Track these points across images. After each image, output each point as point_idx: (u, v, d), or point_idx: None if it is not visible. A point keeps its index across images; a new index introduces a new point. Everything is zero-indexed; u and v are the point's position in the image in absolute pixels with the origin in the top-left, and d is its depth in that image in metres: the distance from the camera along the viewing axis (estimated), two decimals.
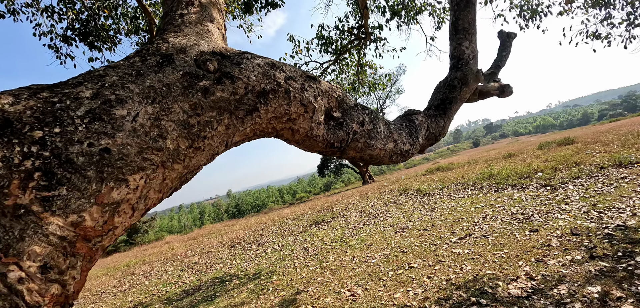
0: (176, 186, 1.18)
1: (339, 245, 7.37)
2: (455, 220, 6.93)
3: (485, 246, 4.94)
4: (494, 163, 14.19)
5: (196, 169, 1.24)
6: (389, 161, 2.21)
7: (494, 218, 6.31)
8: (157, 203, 1.13)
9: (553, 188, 7.48)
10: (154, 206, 1.12)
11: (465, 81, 2.90)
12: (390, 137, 2.09)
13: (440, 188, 11.68)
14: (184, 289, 7.01)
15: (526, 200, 7.03)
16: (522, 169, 10.19)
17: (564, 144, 15.31)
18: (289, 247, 8.62)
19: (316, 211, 14.31)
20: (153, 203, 1.08)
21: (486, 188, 9.42)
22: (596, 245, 3.98)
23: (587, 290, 3.06)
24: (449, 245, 5.42)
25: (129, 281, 9.47)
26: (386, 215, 9.42)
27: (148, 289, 7.83)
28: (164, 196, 1.13)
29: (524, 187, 8.39)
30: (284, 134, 1.58)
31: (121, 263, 14.23)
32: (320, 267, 6.02)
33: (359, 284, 4.67)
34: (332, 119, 1.80)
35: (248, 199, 54.54)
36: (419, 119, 2.55)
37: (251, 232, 13.18)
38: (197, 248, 12.81)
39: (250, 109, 1.34)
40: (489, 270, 4.08)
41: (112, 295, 8.26)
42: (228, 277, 7.09)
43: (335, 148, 1.81)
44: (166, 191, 1.12)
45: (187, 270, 8.97)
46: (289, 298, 4.85)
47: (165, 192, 1.12)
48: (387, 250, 5.96)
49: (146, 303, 6.66)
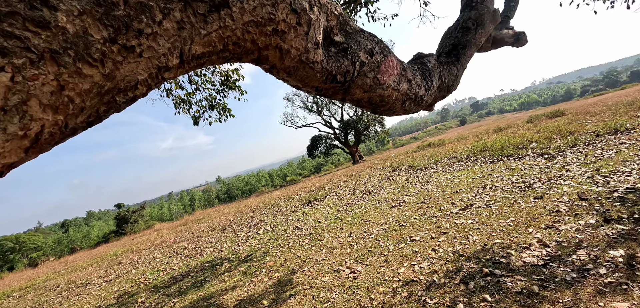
0: (93, 111, 0.74)
1: (334, 222, 7.07)
2: (453, 191, 6.69)
3: (490, 215, 4.69)
4: (486, 137, 14.08)
5: (131, 89, 0.80)
6: (401, 109, 1.80)
7: (494, 187, 6.09)
8: (59, 136, 0.69)
9: (551, 156, 7.31)
10: (53, 138, 0.68)
11: (480, 22, 2.49)
12: (404, 75, 1.67)
13: (433, 162, 11.48)
14: (172, 276, 6.61)
15: (525, 169, 6.84)
16: (516, 140, 10.04)
17: (553, 116, 15.32)
18: (282, 227, 8.29)
19: (308, 191, 13.97)
20: (46, 129, 0.64)
21: (481, 160, 9.24)
22: (609, 209, 3.75)
23: (610, 255, 2.81)
24: (450, 216, 5.16)
25: (116, 270, 9.01)
26: (380, 191, 9.16)
27: (135, 278, 7.40)
28: (69, 122, 0.69)
29: (520, 156, 8.22)
30: (269, 55, 1.14)
31: (108, 253, 13.69)
32: (315, 245, 5.70)
33: (358, 261, 4.36)
34: (333, 44, 1.37)
35: (238, 184, 53.99)
36: (431, 62, 2.13)
37: (242, 214, 12.78)
38: (186, 233, 12.36)
39: (217, 1, 0.89)
40: (498, 239, 3.82)
41: (97, 285, 7.80)
42: (219, 260, 6.71)
43: (338, 84, 1.38)
44: (70, 112, 0.67)
45: (175, 256, 8.55)
46: (284, 279, 4.52)
47: (67, 114, 0.67)
48: (385, 225, 5.68)
49: (132, 292, 6.25)
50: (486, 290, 2.84)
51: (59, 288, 8.46)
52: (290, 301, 3.74)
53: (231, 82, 6.37)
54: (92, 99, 0.71)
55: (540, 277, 2.80)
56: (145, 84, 0.83)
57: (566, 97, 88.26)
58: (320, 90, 1.39)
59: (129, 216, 34.85)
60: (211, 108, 6.56)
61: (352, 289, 3.59)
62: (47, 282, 10.01)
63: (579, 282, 2.62)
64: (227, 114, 6.60)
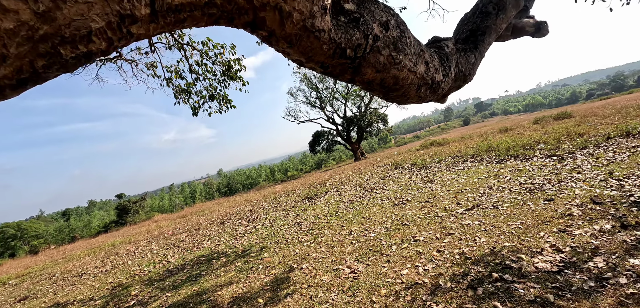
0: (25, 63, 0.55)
1: (334, 219, 6.90)
2: (458, 191, 6.50)
3: (498, 217, 4.50)
4: (491, 137, 13.83)
5: (83, 40, 0.61)
6: (415, 95, 1.61)
7: (501, 188, 5.89)
8: None
9: (560, 158, 7.09)
10: None
11: (502, 6, 2.28)
12: (421, 56, 1.48)
13: (437, 161, 11.27)
14: (168, 269, 6.48)
15: (533, 170, 6.63)
16: (522, 141, 9.81)
17: (560, 118, 15.04)
18: (281, 222, 8.13)
19: (308, 186, 13.80)
20: None
21: (487, 160, 9.02)
22: (625, 214, 3.55)
23: (630, 263, 2.62)
24: (456, 216, 4.97)
25: (112, 261, 8.90)
26: (383, 188, 8.98)
27: (130, 269, 7.28)
28: None
29: (527, 157, 8.00)
30: (267, 18, 0.95)
31: (106, 243, 13.61)
32: (315, 242, 5.54)
33: (359, 260, 4.19)
34: (343, 12, 1.17)
35: (239, 177, 53.96)
36: (449, 46, 1.93)
37: (241, 208, 12.64)
38: (185, 226, 12.25)
39: None
40: (507, 242, 3.63)
41: (92, 276, 7.69)
42: (215, 254, 6.57)
43: (347, 60, 1.19)
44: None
45: (172, 249, 8.42)
46: (281, 276, 4.36)
47: None
48: (387, 223, 5.50)
49: (126, 284, 6.13)
50: (496, 296, 2.66)
51: (54, 278, 8.37)
52: (287, 300, 3.57)
53: (232, 72, 6.18)
54: (21, 46, 0.52)
55: (555, 285, 2.62)
56: (104, 36, 0.63)
57: (572, 100, 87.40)
58: (327, 67, 1.20)
59: (129, 206, 34.88)
60: (211, 98, 6.38)
61: (352, 290, 3.42)
62: (44, 271, 9.93)
63: (597, 291, 2.44)
64: (227, 104, 6.42)
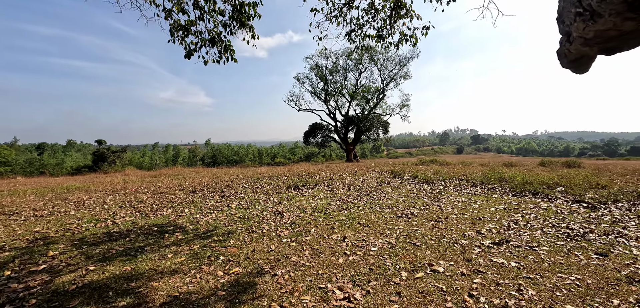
0: None
1: (324, 217, 5.73)
2: (475, 218, 5.42)
3: (539, 263, 3.42)
4: (498, 168, 12.91)
5: None
6: None
7: (531, 226, 4.83)
8: None
9: (591, 206, 6.10)
10: None
11: None
12: None
13: (441, 179, 10.23)
14: (109, 231, 5.18)
15: (562, 213, 5.61)
16: (540, 178, 8.85)
17: (570, 166, 14.28)
18: (259, 206, 6.91)
19: (296, 175, 12.57)
20: None
21: (500, 190, 8.01)
22: None
23: None
24: (481, 249, 3.87)
25: (56, 207, 7.49)
26: (381, 195, 7.85)
27: (67, 222, 5.94)
28: None
29: (549, 197, 7.01)
30: None
31: (62, 185, 12.07)
32: (297, 242, 4.35)
33: (356, 282, 3.02)
34: None
35: (226, 152, 52.19)
36: None
37: (219, 181, 11.31)
38: (152, 186, 10.85)
39: None
40: (569, 305, 2.54)
41: (22, 219, 6.30)
42: (171, 227, 5.31)
43: None
44: None
45: (127, 208, 7.09)
46: (245, 280, 3.16)
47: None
48: (391, 237, 4.36)
49: (51, 239, 4.82)
50: None
51: None
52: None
53: (244, 15, 4.88)
54: None
55: None
56: None
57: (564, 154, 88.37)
58: None
59: (107, 155, 32.83)
60: (212, 43, 5.04)
61: None
62: None
63: None
64: (229, 54, 5.12)
